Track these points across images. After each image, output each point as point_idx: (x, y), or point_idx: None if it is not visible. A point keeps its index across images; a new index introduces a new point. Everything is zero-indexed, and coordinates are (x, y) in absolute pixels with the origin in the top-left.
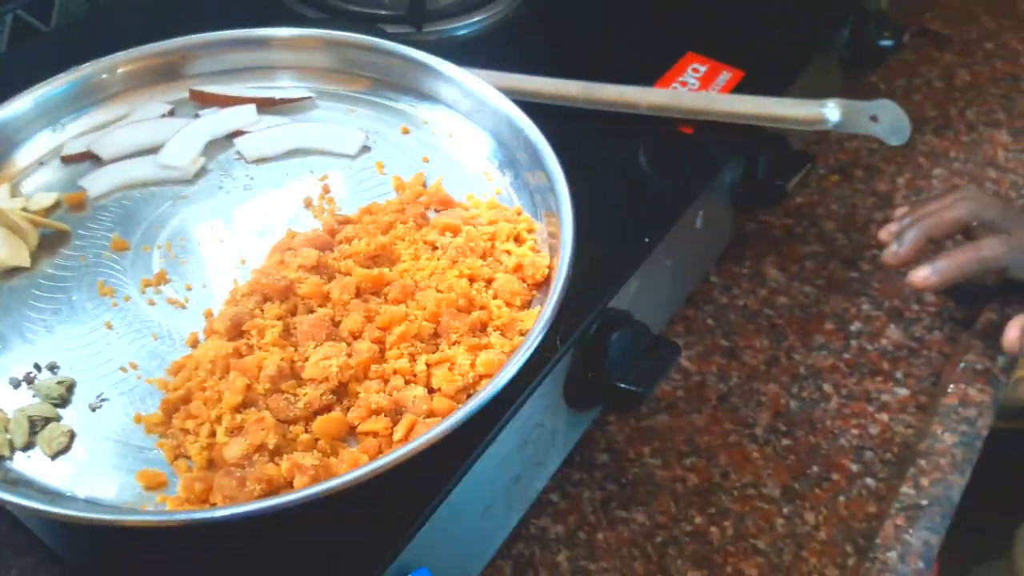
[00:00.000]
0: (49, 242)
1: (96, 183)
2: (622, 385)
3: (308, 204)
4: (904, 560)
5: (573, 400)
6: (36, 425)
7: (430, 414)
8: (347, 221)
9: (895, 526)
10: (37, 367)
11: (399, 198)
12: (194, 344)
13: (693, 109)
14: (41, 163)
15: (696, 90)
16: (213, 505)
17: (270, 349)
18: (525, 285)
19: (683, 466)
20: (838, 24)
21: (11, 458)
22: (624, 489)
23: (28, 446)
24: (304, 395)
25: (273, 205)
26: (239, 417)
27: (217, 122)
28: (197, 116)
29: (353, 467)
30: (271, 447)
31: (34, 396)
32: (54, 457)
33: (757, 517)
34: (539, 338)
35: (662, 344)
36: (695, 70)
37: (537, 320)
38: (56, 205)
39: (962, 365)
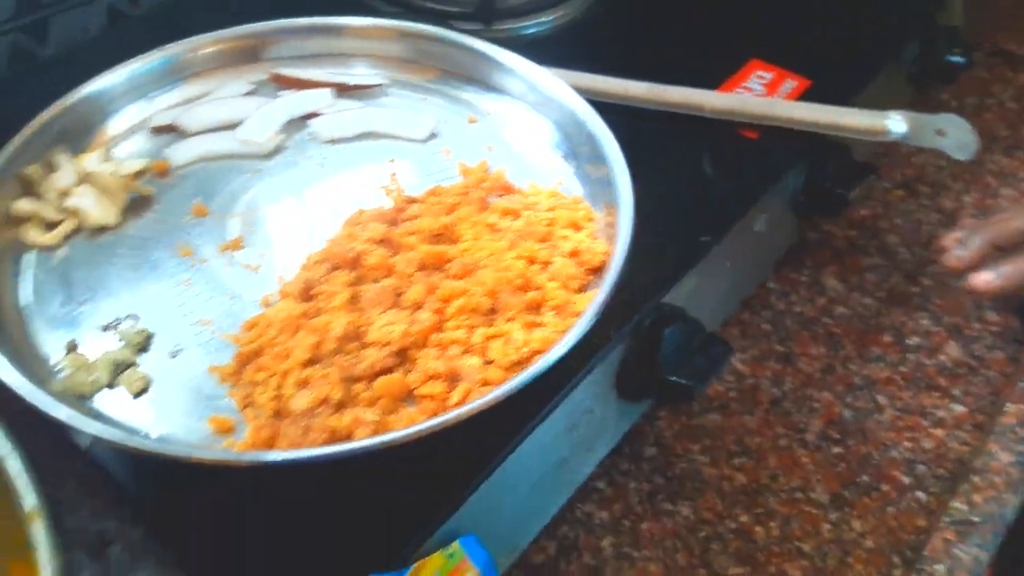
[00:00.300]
0: (135, 205)
1: (180, 153)
2: (674, 379)
3: (377, 184)
4: (952, 575)
5: (624, 390)
6: (119, 368)
7: (484, 383)
8: (413, 201)
9: (944, 540)
10: (120, 317)
11: (463, 182)
12: (266, 305)
13: (757, 114)
14: (131, 132)
15: (763, 96)
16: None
17: (338, 313)
18: (581, 270)
19: (731, 465)
20: (907, 37)
21: (92, 399)
22: (671, 483)
23: (109, 387)
24: (367, 356)
25: (344, 183)
26: (306, 372)
27: (295, 103)
28: (277, 96)
29: (411, 424)
30: (335, 401)
31: (119, 341)
32: (135, 397)
33: (803, 521)
34: (593, 319)
35: (715, 342)
36: (760, 77)
37: (591, 302)
38: (143, 171)
39: (1021, 384)
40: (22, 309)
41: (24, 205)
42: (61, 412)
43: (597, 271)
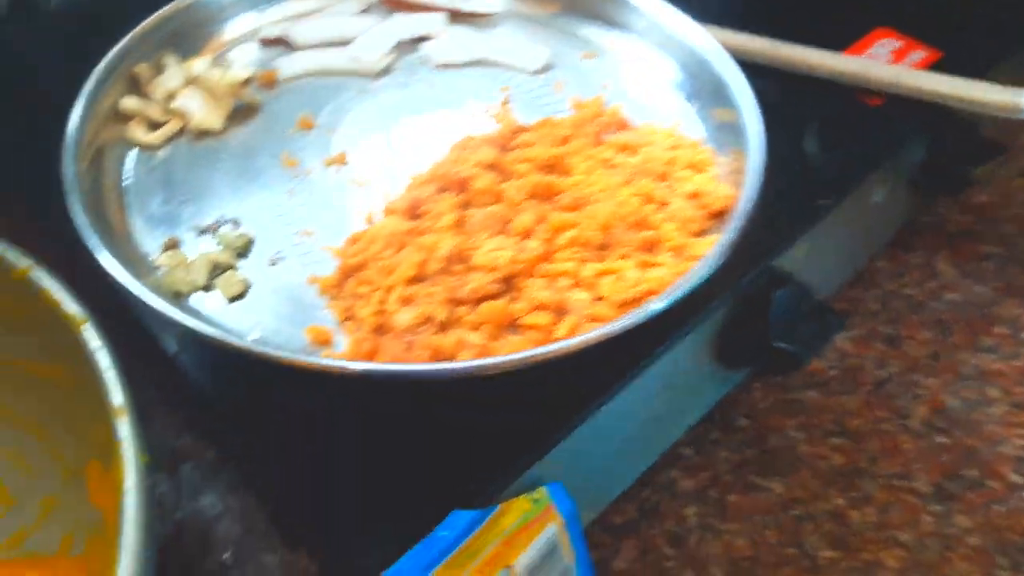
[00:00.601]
0: (240, 113)
1: (288, 65)
2: (780, 345)
3: (487, 112)
4: None
5: (723, 355)
6: (217, 270)
7: (593, 319)
8: (524, 129)
9: None
10: (220, 220)
11: (577, 115)
12: (370, 222)
13: (881, 80)
14: (241, 41)
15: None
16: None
17: (444, 233)
18: (701, 213)
19: (828, 445)
20: None
21: (188, 298)
22: (763, 456)
23: (206, 288)
24: (473, 279)
25: (453, 108)
26: (410, 290)
27: (408, 24)
28: (389, 18)
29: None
30: (439, 321)
31: (218, 244)
32: (231, 301)
33: (903, 509)
34: (716, 263)
35: (826, 311)
36: (886, 45)
37: (715, 245)
38: (250, 80)
39: None
40: (124, 205)
41: (131, 103)
42: (160, 304)
43: (718, 216)
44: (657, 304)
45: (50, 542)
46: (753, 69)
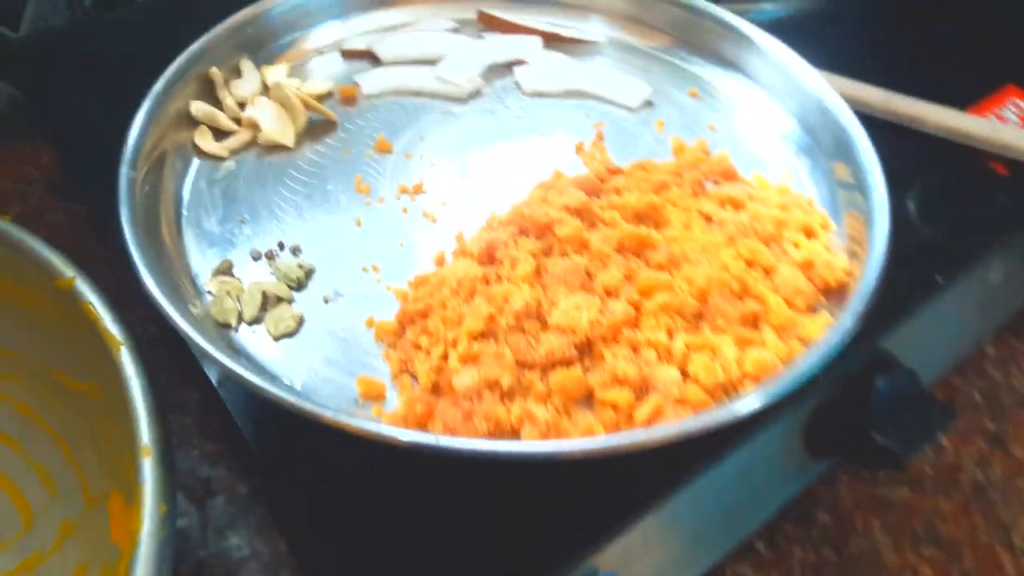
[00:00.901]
0: (315, 129)
1: (371, 81)
2: (879, 439)
3: (579, 149)
4: None
5: (812, 443)
6: (268, 302)
7: (681, 401)
8: (618, 172)
9: None
10: (281, 246)
11: (677, 160)
12: (440, 263)
13: (1010, 147)
14: (321, 52)
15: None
16: (428, 431)
17: (520, 284)
18: (812, 287)
19: (918, 553)
20: None
21: (236, 330)
22: (842, 560)
23: (255, 321)
24: (547, 342)
25: (541, 141)
26: (476, 346)
27: (501, 47)
28: (481, 37)
29: (587, 434)
30: (504, 387)
31: (271, 273)
32: (278, 339)
33: None
34: (834, 352)
35: (933, 403)
36: (1017, 106)
37: (831, 330)
38: (328, 94)
39: None
40: (180, 218)
41: (200, 108)
42: (199, 339)
43: (831, 292)
44: (756, 402)
45: (64, 572)
46: (865, 121)
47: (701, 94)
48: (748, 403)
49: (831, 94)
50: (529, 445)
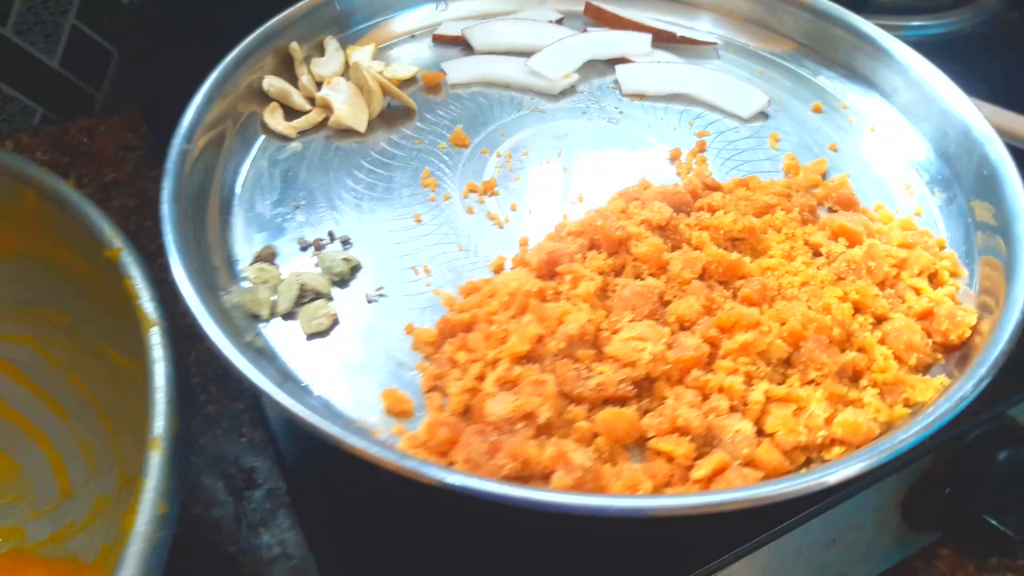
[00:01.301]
0: (391, 115)
1: (458, 70)
2: (994, 522)
3: (675, 157)
4: None
5: (911, 514)
6: (305, 296)
7: (750, 463)
8: (716, 187)
9: None
10: (331, 236)
11: (788, 180)
12: (498, 270)
13: None
14: (412, 36)
15: None
16: (451, 463)
17: (579, 304)
18: (929, 341)
19: None
20: None
21: (268, 321)
22: None
23: (289, 315)
24: (600, 373)
25: (634, 147)
26: (517, 370)
27: (604, 42)
28: (585, 31)
29: (630, 490)
30: (541, 421)
31: (316, 266)
32: (310, 336)
33: None
34: (941, 423)
35: None
36: None
37: (944, 396)
38: (412, 80)
39: None
40: (232, 197)
41: (274, 83)
42: (216, 334)
43: (953, 350)
44: (836, 473)
45: (90, 549)
46: (1018, 159)
47: (826, 109)
48: (825, 477)
49: (979, 120)
50: (551, 496)
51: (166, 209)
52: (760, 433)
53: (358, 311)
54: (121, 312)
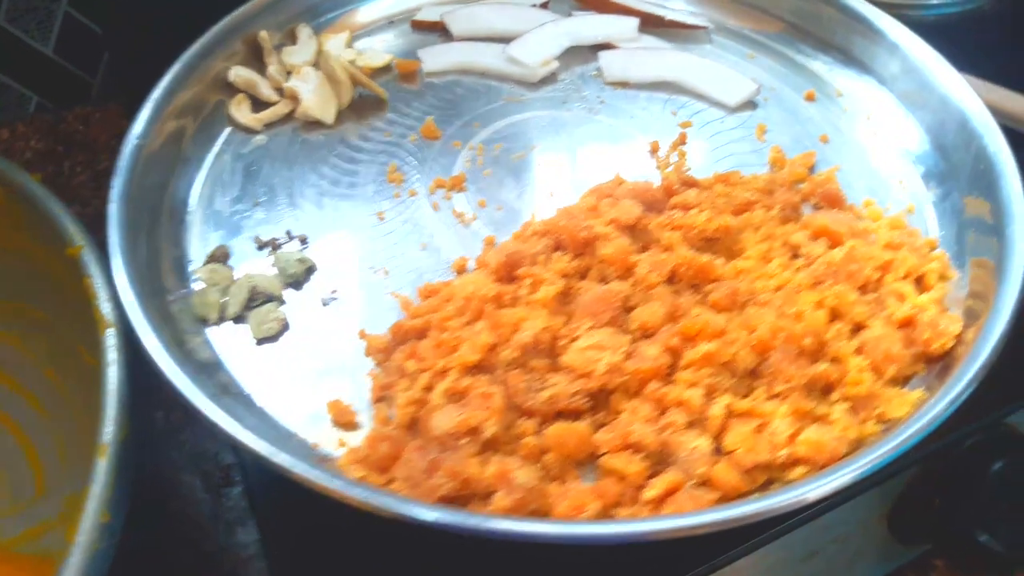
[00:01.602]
0: (362, 106)
1: (434, 57)
2: (983, 538)
3: (654, 150)
4: None
5: (898, 527)
6: (256, 298)
7: (705, 483)
8: (693, 184)
9: None
10: (288, 234)
11: (771, 174)
12: (461, 271)
13: None
14: (391, 22)
15: None
16: (390, 481)
17: (538, 310)
18: (910, 351)
19: None
20: None
21: (217, 323)
22: None
23: (239, 318)
24: (553, 384)
25: (613, 139)
26: (466, 381)
27: (588, 27)
28: (570, 15)
29: (574, 512)
30: (486, 436)
31: (273, 266)
32: (259, 342)
33: None
34: (912, 444)
35: None
36: None
37: (918, 412)
38: (386, 69)
39: None
40: (190, 193)
41: (241, 74)
42: (153, 346)
43: (934, 360)
44: (785, 503)
45: (62, 550)
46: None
47: (819, 97)
48: (776, 502)
49: (979, 110)
50: (482, 520)
51: (113, 209)
52: (719, 450)
53: (312, 314)
54: (86, 311)
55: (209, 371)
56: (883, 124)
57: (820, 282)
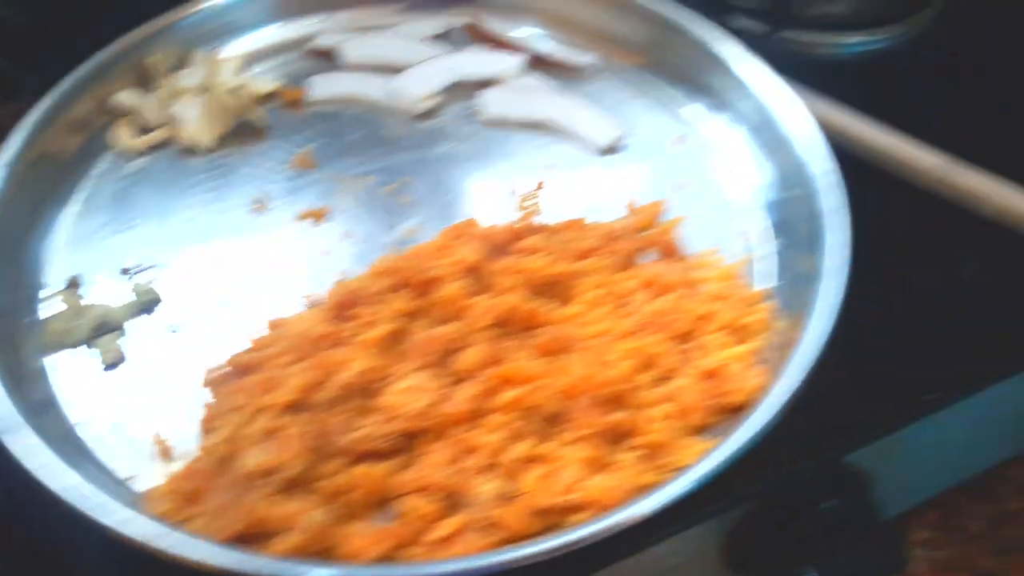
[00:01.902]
0: (243, 132)
1: (320, 86)
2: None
3: (517, 191)
4: None
5: (734, 562)
6: (101, 327)
7: (492, 526)
8: (539, 229)
9: None
10: (145, 263)
11: (616, 222)
12: (315, 304)
13: None
14: (286, 48)
15: None
16: (189, 517)
17: (365, 350)
18: (711, 403)
19: None
20: None
21: (63, 350)
22: None
23: (83, 346)
24: (363, 426)
25: (482, 178)
26: (282, 420)
27: (472, 63)
28: (461, 50)
29: (359, 552)
30: (289, 476)
31: (131, 292)
32: (107, 368)
33: None
34: (685, 493)
35: (886, 541)
36: None
37: (699, 461)
38: (274, 95)
39: None
40: (58, 217)
41: (127, 98)
42: None
43: (736, 411)
44: (557, 541)
45: None
46: (912, 192)
47: (685, 140)
48: (547, 545)
49: (821, 159)
50: (251, 557)
51: None
52: (507, 496)
53: (156, 344)
54: None
55: (39, 398)
56: (741, 170)
57: (640, 331)
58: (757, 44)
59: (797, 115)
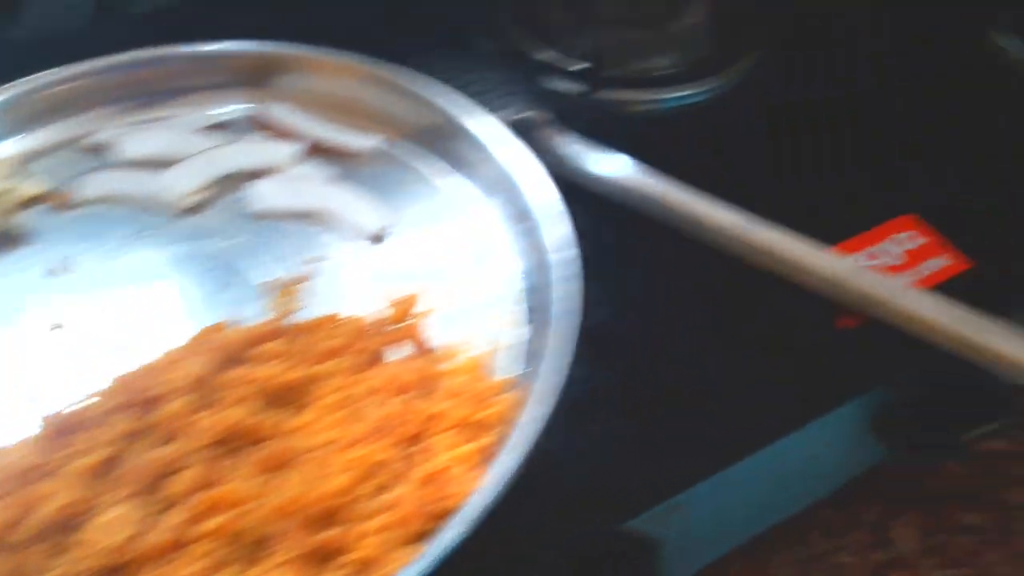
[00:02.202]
0: (6, 238)
1: (87, 185)
2: None
3: (276, 288)
4: None
5: None
6: None
7: None
8: (281, 332)
9: None
10: None
11: (368, 317)
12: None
13: (861, 295)
14: (72, 145)
15: (890, 269)
16: None
17: (73, 480)
18: (430, 509)
19: None
20: None
21: None
22: None
23: None
24: (58, 566)
25: (243, 275)
26: None
27: (244, 155)
28: (237, 140)
29: None
30: None
31: None
32: None
33: None
34: None
35: None
36: (903, 240)
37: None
38: (41, 198)
39: None
40: None
41: None
42: None
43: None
44: None
45: None
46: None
47: (456, 225)
48: None
49: (558, 227)
50: None
51: None
52: None
53: None
54: None
55: None
56: (499, 255)
57: (369, 438)
58: (575, 105)
59: (533, 182)
